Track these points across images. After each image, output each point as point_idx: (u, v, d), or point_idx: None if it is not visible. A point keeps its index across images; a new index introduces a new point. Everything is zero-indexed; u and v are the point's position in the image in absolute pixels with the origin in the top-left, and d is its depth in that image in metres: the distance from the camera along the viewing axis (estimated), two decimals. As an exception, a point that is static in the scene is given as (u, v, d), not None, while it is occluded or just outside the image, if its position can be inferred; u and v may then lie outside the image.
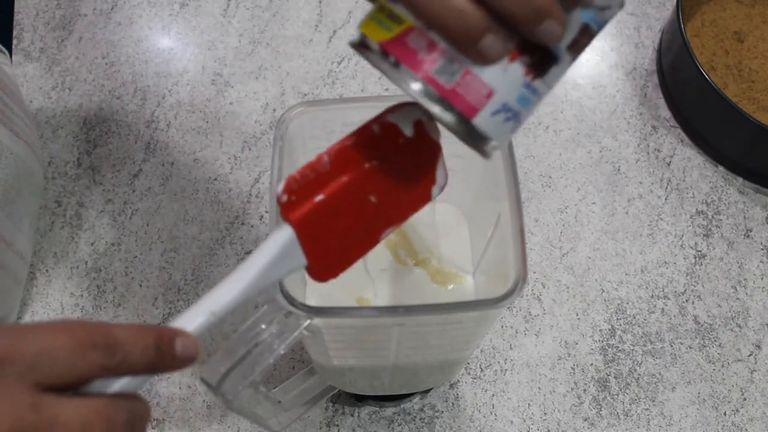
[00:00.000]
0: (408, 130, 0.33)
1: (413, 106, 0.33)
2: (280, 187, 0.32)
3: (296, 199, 0.32)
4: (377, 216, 0.34)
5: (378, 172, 0.33)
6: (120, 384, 0.28)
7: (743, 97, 0.66)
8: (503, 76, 0.29)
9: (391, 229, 0.35)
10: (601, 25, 0.30)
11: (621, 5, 0.30)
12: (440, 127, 0.33)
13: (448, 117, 0.29)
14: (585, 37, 0.30)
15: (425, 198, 0.35)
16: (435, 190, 0.36)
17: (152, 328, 0.29)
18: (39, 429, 0.25)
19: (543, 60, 0.29)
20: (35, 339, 0.26)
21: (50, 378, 0.26)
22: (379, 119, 0.33)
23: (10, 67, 0.64)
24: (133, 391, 0.29)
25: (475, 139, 0.30)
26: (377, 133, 0.33)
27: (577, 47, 0.30)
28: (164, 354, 0.29)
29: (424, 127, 0.34)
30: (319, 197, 0.32)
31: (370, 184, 0.33)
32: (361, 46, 0.30)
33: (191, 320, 0.31)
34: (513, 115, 0.30)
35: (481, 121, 0.29)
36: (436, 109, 0.29)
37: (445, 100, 0.28)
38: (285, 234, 0.32)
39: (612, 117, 0.68)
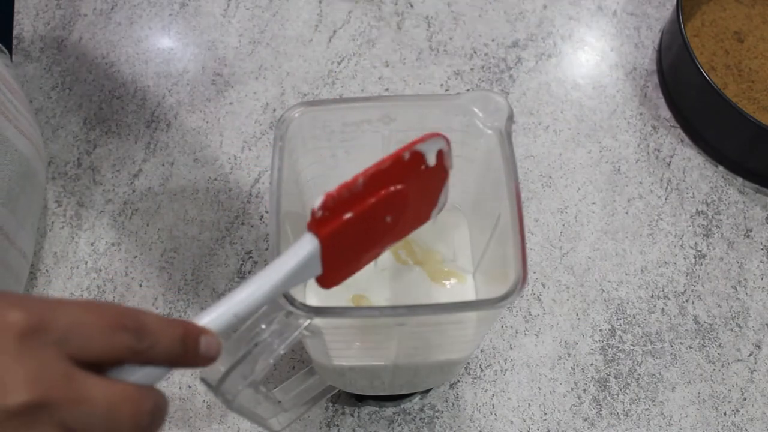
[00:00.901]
0: (431, 159, 0.37)
1: (439, 137, 0.37)
2: (318, 202, 0.33)
3: (329, 215, 0.34)
4: (386, 233, 0.37)
5: (399, 195, 0.36)
6: (142, 373, 0.29)
7: (743, 97, 0.66)
8: None
9: (392, 244, 0.39)
10: None
11: None
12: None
13: None
14: None
15: (425, 219, 0.40)
16: (434, 212, 0.40)
17: (180, 322, 0.30)
18: (69, 401, 0.25)
19: None
20: (67, 312, 0.26)
21: (82, 352, 0.26)
22: (410, 147, 0.36)
23: (11, 67, 0.64)
24: (153, 383, 0.29)
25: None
26: (406, 159, 0.36)
27: None
28: (189, 349, 0.30)
29: (443, 156, 0.37)
30: (348, 215, 0.34)
31: (390, 205, 0.36)
32: None
33: (216, 320, 0.32)
34: None
35: None
36: None
37: None
38: (312, 245, 0.34)
39: (612, 117, 0.68)
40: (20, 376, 0.25)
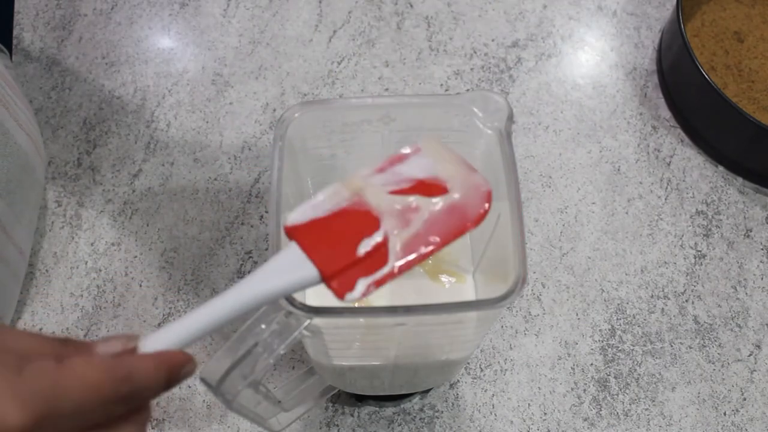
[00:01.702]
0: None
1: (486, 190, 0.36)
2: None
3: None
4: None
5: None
6: None
7: (743, 97, 0.66)
8: None
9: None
10: None
11: None
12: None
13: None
14: None
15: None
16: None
17: (167, 364, 0.30)
18: None
19: None
20: (69, 396, 0.26)
21: (86, 424, 0.27)
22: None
23: (11, 68, 0.64)
24: None
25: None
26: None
27: None
28: (170, 385, 0.30)
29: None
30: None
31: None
32: None
33: (190, 333, 0.31)
34: None
35: None
36: None
37: None
38: (289, 247, 0.33)
39: (612, 117, 0.68)
40: None
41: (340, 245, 0.33)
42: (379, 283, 0.32)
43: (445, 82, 0.70)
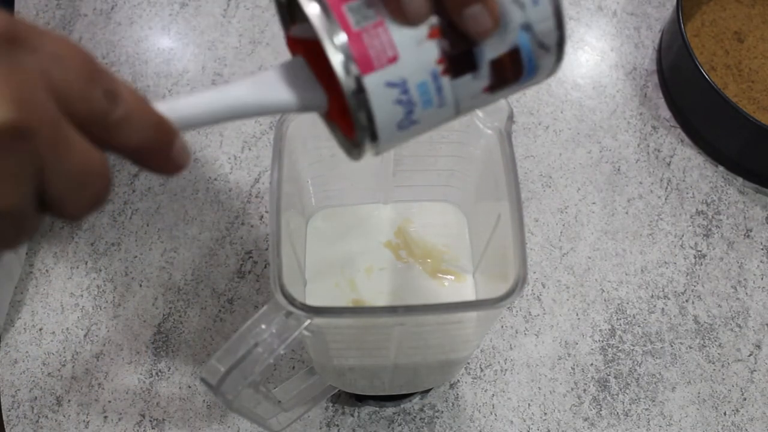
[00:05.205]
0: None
1: None
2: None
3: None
4: None
5: None
6: None
7: (743, 97, 0.66)
8: (415, 49, 0.26)
9: None
10: (530, 70, 0.27)
11: (557, 63, 0.28)
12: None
13: (337, 58, 0.25)
14: (511, 66, 0.27)
15: None
16: None
17: (154, 110, 0.25)
18: (52, 144, 0.21)
19: (461, 59, 0.26)
20: (51, 37, 0.22)
21: (62, 98, 0.22)
22: None
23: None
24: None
25: (357, 105, 0.26)
26: None
27: (499, 72, 0.27)
28: (160, 143, 0.25)
29: None
30: None
31: None
32: None
33: (190, 107, 0.27)
34: (407, 102, 0.26)
35: (373, 83, 0.25)
36: (329, 46, 0.25)
37: (344, 42, 0.25)
38: (290, 61, 0.29)
39: (612, 117, 0.68)
40: (4, 92, 0.20)
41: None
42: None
43: (445, 82, 0.69)
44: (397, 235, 0.51)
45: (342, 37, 0.25)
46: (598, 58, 0.72)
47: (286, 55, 0.30)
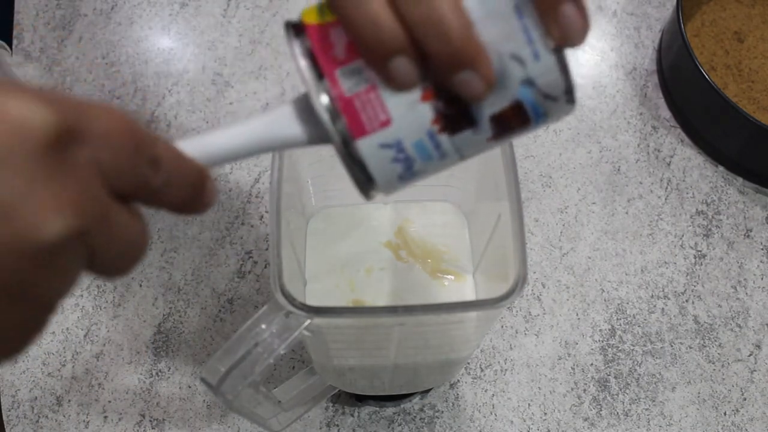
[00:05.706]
0: None
1: None
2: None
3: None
4: None
5: None
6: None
7: (743, 97, 0.66)
8: (408, 112, 0.26)
9: None
10: (538, 117, 0.27)
11: (568, 105, 0.27)
12: None
13: (330, 126, 0.26)
14: (515, 118, 0.27)
15: None
16: None
17: (193, 163, 0.25)
18: (104, 231, 0.22)
19: (458, 118, 0.26)
20: (99, 116, 0.22)
21: (111, 178, 0.22)
22: None
23: (12, 64, 0.64)
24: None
25: (352, 164, 0.26)
26: None
27: (502, 124, 0.27)
28: (196, 198, 0.26)
29: None
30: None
31: None
32: (293, 27, 0.27)
33: (221, 146, 0.27)
34: (404, 160, 0.27)
35: (365, 146, 0.26)
36: (323, 113, 0.26)
37: (336, 107, 0.26)
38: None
39: (612, 117, 0.68)
40: (59, 202, 0.20)
41: None
42: None
43: (445, 82, 0.69)
44: (397, 235, 0.51)
45: (334, 103, 0.26)
46: (598, 58, 0.72)
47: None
